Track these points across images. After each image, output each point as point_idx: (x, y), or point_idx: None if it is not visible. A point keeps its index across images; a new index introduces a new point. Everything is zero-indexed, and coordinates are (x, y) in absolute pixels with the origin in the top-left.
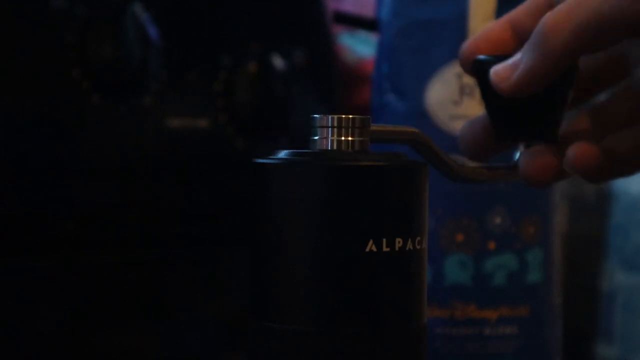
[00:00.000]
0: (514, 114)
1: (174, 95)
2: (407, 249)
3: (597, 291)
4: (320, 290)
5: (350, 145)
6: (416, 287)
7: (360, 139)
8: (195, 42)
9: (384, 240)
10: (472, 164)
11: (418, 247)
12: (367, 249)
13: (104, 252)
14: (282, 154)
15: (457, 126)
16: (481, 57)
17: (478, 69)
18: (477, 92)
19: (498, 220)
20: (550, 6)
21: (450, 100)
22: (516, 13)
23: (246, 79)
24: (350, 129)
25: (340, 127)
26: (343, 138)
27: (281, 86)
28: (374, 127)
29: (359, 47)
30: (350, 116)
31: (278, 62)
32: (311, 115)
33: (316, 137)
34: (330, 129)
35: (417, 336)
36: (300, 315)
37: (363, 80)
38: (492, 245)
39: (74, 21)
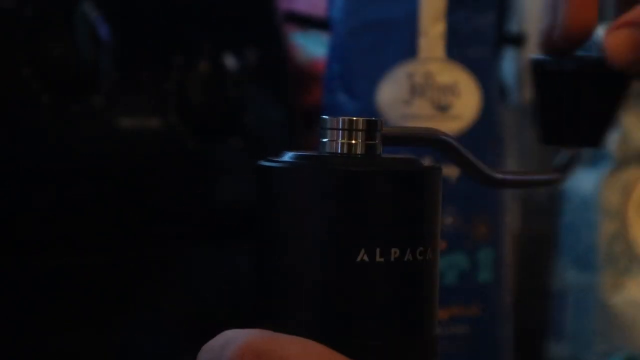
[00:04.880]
0: (564, 116)
1: (126, 94)
2: (417, 258)
3: (548, 290)
4: (330, 299)
5: (360, 149)
6: (426, 298)
7: (371, 142)
8: (147, 42)
9: (394, 249)
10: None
11: (430, 256)
12: (377, 259)
13: (54, 254)
14: (288, 156)
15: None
16: (539, 56)
17: (537, 68)
18: (428, 92)
19: (449, 219)
20: None
21: (401, 100)
22: None
23: (198, 79)
24: (360, 132)
25: (350, 130)
26: (353, 141)
27: (234, 86)
28: (386, 129)
29: (311, 46)
30: (361, 119)
31: (230, 61)
32: (321, 117)
33: (325, 140)
34: (340, 131)
35: (426, 348)
36: (307, 324)
37: (315, 80)
38: (443, 244)
39: (24, 20)
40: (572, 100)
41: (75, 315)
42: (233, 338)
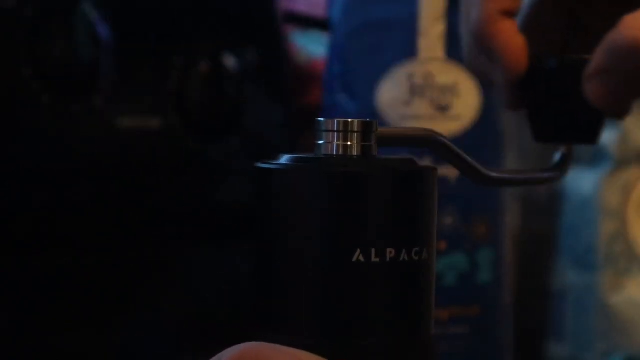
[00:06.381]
0: (559, 114)
1: (126, 94)
2: (413, 258)
3: (549, 290)
4: (326, 299)
5: (355, 150)
6: (422, 298)
7: (366, 143)
8: (147, 42)
9: (389, 249)
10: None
11: (425, 256)
12: (373, 259)
13: (54, 254)
14: (284, 158)
15: (408, 126)
16: (538, 53)
17: (535, 66)
18: (428, 92)
19: (449, 219)
20: None
21: (401, 100)
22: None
23: (198, 79)
24: (355, 133)
25: (345, 132)
26: (349, 143)
27: (233, 86)
28: (382, 130)
29: (311, 46)
30: (356, 120)
31: (230, 61)
32: (316, 119)
33: (321, 142)
34: (335, 133)
35: (423, 347)
36: (306, 324)
37: (314, 80)
38: (442, 245)
39: (24, 20)
40: (567, 97)
41: (75, 315)
42: (230, 349)
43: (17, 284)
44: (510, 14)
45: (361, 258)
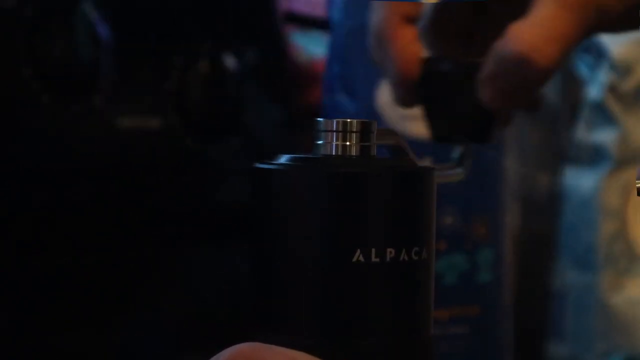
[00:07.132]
0: (452, 114)
1: (126, 94)
2: (413, 258)
3: (549, 290)
4: (327, 299)
5: (354, 150)
6: (422, 298)
7: (366, 143)
8: (147, 42)
9: (389, 249)
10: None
11: (425, 256)
12: (373, 259)
13: (54, 254)
14: (284, 158)
15: (407, 126)
16: (433, 56)
17: (429, 70)
18: None
19: (449, 219)
20: None
21: None
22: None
23: (198, 79)
24: (354, 134)
25: (344, 132)
26: (348, 143)
27: (233, 86)
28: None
29: (311, 46)
30: (355, 120)
31: (230, 61)
32: (315, 119)
33: (320, 142)
34: (334, 133)
35: (422, 347)
36: (306, 325)
37: (314, 80)
38: (442, 245)
39: (24, 20)
40: (459, 98)
41: (75, 315)
42: (226, 349)
43: (17, 284)
44: (410, 19)
45: (361, 258)
